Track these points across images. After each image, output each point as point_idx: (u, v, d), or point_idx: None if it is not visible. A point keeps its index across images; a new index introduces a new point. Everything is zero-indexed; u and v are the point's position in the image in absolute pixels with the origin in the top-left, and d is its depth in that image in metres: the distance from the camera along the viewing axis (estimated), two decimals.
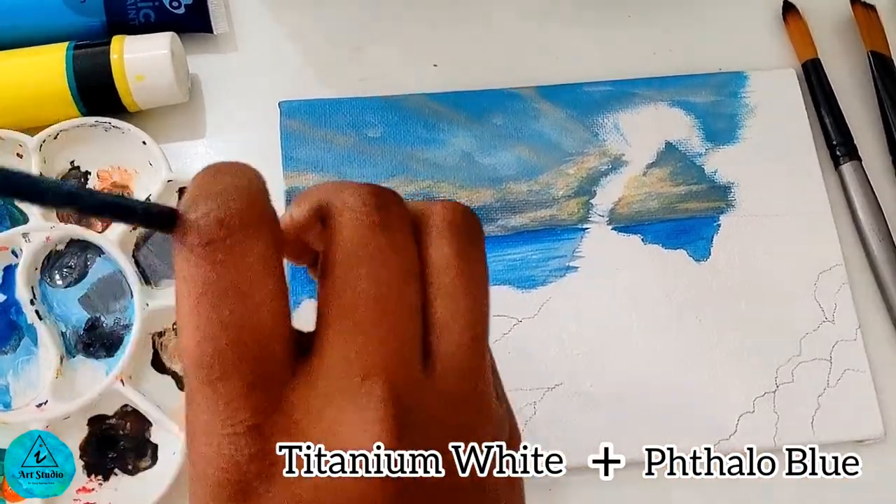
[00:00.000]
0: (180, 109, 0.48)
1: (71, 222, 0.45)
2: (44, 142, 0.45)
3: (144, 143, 0.45)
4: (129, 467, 0.42)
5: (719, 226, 0.47)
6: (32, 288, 0.43)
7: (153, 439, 0.42)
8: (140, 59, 0.45)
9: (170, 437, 0.41)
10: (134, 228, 0.45)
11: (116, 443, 0.42)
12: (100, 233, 0.44)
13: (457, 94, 0.49)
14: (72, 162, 0.46)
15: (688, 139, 0.48)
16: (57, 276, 0.44)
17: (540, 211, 0.46)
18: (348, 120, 0.48)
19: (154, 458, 0.42)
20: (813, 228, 0.47)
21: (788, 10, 0.52)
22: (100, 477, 0.41)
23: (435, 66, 0.50)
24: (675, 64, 0.51)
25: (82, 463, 0.42)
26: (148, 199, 0.44)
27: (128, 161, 0.46)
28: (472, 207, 0.46)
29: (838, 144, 0.49)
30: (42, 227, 0.44)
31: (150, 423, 0.42)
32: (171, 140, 0.48)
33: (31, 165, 0.45)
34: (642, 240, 0.46)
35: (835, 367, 0.44)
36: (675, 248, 0.46)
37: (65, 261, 0.45)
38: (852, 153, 0.49)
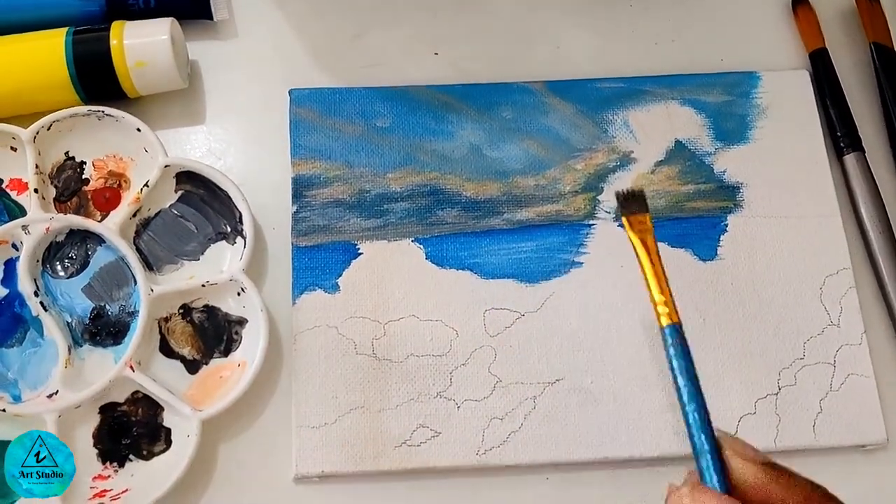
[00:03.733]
0: (180, 95, 0.48)
1: (70, 212, 0.45)
2: (37, 133, 0.45)
3: (139, 129, 0.45)
4: (144, 452, 0.42)
5: (727, 226, 0.46)
6: (35, 280, 0.43)
7: (166, 423, 0.42)
8: (140, 44, 0.45)
9: (183, 421, 0.41)
10: (134, 215, 0.45)
11: (129, 429, 0.42)
12: (99, 221, 0.44)
13: (466, 87, 0.49)
14: (66, 153, 0.46)
15: (698, 138, 0.48)
16: (59, 267, 0.44)
17: (546, 206, 0.46)
18: (357, 109, 0.48)
19: (168, 442, 0.42)
20: (821, 231, 0.46)
21: (799, 1, 0.52)
22: (115, 464, 0.41)
23: (436, 54, 0.50)
24: (678, 54, 0.51)
25: (96, 451, 0.42)
26: (146, 185, 0.44)
27: (123, 149, 0.46)
28: (478, 200, 0.46)
29: (842, 135, 0.49)
30: (41, 219, 0.44)
31: (161, 408, 0.42)
32: (171, 126, 0.48)
33: (26, 158, 0.44)
34: None
35: (838, 371, 0.43)
36: (681, 246, 0.46)
37: (66, 251, 0.45)
38: (856, 144, 0.48)
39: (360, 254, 0.45)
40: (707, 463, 0.29)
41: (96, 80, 0.46)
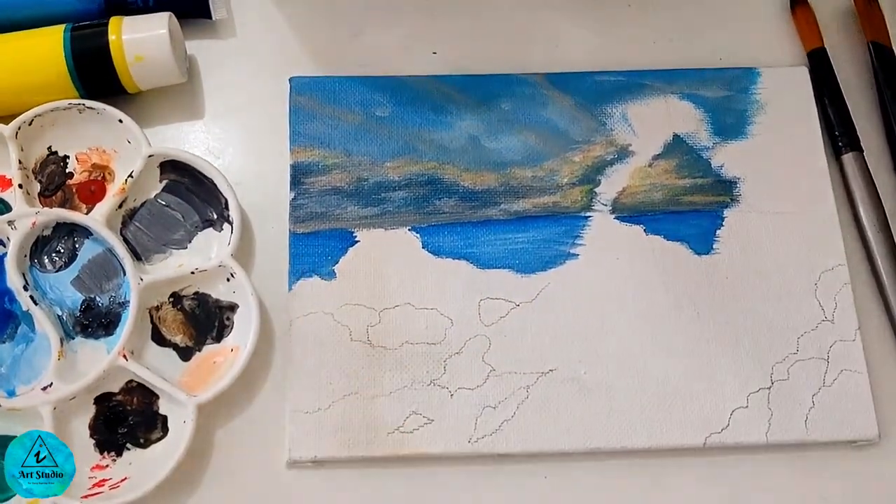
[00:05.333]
0: (179, 91, 0.48)
1: (55, 206, 0.45)
2: (19, 129, 0.44)
3: (121, 121, 0.45)
4: (141, 441, 0.42)
5: (723, 220, 0.46)
6: (24, 275, 0.43)
7: (161, 411, 0.42)
8: (138, 39, 0.45)
9: (178, 407, 0.42)
10: (120, 206, 0.45)
11: (125, 418, 0.42)
12: (85, 214, 0.44)
13: (466, 78, 0.49)
14: (49, 147, 0.46)
15: (696, 133, 0.48)
16: (46, 261, 0.44)
17: (543, 197, 0.46)
18: (357, 98, 0.48)
19: (164, 430, 0.42)
20: (817, 227, 0.46)
21: (797, 1, 0.52)
22: (112, 453, 0.42)
23: (434, 53, 0.50)
24: (677, 53, 0.51)
25: (93, 441, 0.42)
26: (130, 175, 0.44)
27: (106, 141, 0.46)
28: (475, 190, 0.46)
29: (840, 134, 0.49)
30: (27, 213, 0.43)
31: (156, 396, 0.43)
32: (170, 121, 0.48)
33: (9, 154, 0.44)
34: (644, 230, 0.46)
35: (832, 366, 0.44)
36: (676, 240, 0.46)
37: (53, 245, 0.45)
38: (854, 143, 0.48)
39: (357, 241, 0.45)
40: None
41: (95, 75, 0.45)
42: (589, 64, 0.50)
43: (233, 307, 0.44)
